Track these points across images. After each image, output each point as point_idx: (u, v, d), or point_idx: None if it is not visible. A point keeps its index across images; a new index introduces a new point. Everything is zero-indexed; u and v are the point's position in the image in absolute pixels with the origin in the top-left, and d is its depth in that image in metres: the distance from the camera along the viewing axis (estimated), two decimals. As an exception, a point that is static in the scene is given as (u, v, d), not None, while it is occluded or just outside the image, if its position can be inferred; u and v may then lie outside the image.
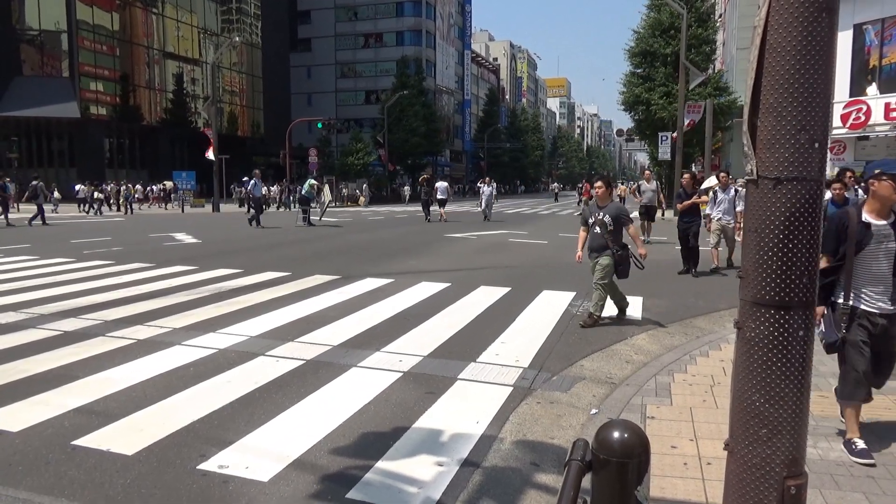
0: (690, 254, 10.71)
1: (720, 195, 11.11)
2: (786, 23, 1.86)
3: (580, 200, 31.02)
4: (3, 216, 22.00)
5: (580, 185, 33.64)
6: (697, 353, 5.82)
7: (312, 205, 23.08)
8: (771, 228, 1.91)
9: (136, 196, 35.11)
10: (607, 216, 6.86)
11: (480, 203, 24.34)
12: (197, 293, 8.69)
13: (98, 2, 43.43)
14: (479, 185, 30.63)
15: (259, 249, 14.60)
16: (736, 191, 11.20)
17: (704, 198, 10.95)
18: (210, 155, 33.43)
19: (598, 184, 7.03)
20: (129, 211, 31.52)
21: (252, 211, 21.95)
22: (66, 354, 5.69)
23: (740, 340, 2.06)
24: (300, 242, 16.42)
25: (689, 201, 10.67)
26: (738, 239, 10.94)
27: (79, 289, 9.01)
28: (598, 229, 6.92)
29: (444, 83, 76.34)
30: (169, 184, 37.83)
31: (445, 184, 28.17)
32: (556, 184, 62.81)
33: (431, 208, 25.97)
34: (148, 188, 38.81)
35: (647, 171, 17.58)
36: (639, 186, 18.03)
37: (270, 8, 60.07)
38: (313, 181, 23.93)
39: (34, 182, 23.96)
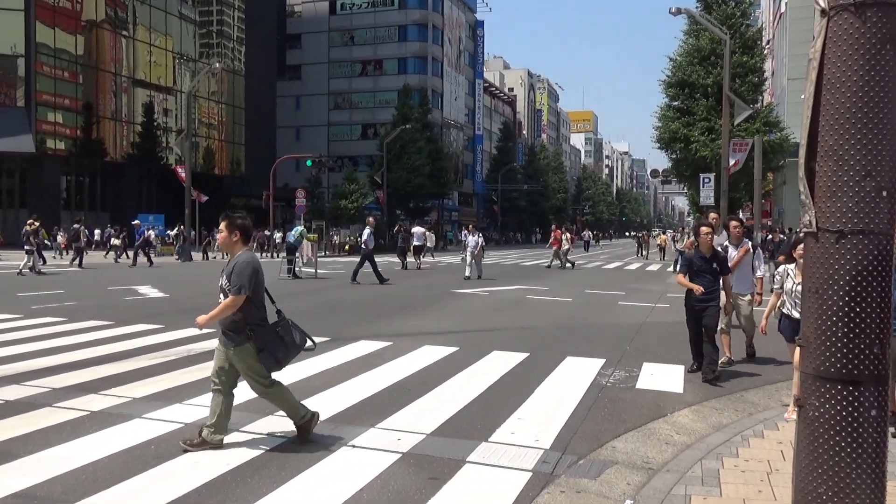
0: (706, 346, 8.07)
1: (731, 253, 9.05)
2: (845, 55, 1.90)
3: (556, 251, 30.59)
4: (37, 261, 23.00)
5: (554, 228, 32.80)
6: (751, 433, 5.74)
7: (298, 255, 23.27)
8: (834, 289, 1.91)
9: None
10: (224, 278, 5.26)
11: (464, 256, 23.93)
12: (162, 357, 8.67)
13: (61, 23, 44.77)
14: (417, 230, 30.96)
15: (235, 305, 14.59)
16: (754, 248, 9.33)
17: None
18: (201, 197, 34.31)
19: (220, 227, 5.45)
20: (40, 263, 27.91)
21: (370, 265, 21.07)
22: (6, 428, 5.65)
23: (802, 420, 2.04)
24: (283, 298, 16.37)
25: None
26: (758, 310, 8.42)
27: (24, 350, 9.00)
28: (221, 298, 5.30)
29: (452, 116, 77.64)
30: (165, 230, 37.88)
31: (423, 229, 29.97)
32: (587, 232, 63.19)
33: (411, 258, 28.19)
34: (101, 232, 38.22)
35: (712, 214, 14.15)
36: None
37: (256, 31, 61.74)
38: (302, 228, 24.14)
39: (76, 225, 27.26)
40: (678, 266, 8.26)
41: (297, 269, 22.65)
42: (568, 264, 29.83)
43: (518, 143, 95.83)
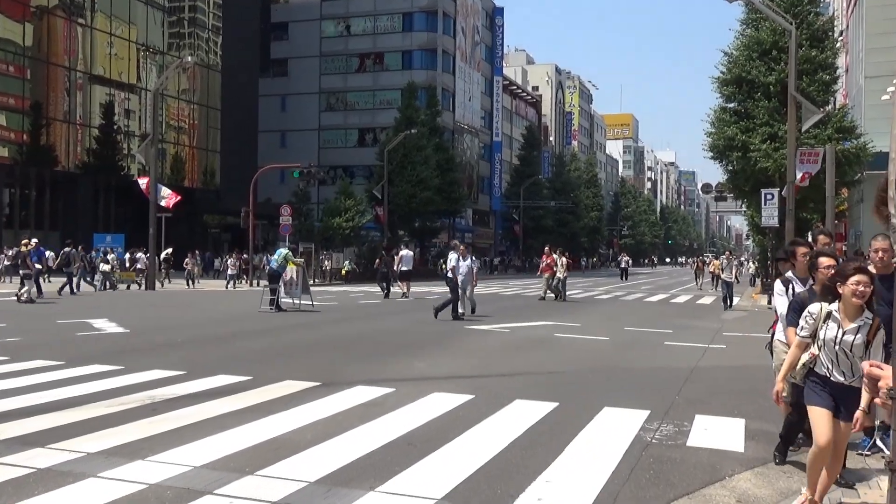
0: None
1: (797, 287, 7.21)
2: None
3: (547, 279, 30.17)
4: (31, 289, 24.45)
5: (546, 251, 32.21)
6: (826, 502, 5.67)
7: (282, 283, 23.29)
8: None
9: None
10: None
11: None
12: (121, 404, 8.67)
13: (6, 9, 45.47)
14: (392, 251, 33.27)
15: (209, 343, 14.64)
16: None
17: None
18: (166, 199, 34.92)
19: None
20: None
21: (450, 296, 20.86)
22: (-63, 488, 5.65)
23: None
24: (265, 334, 16.43)
25: None
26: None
27: (-41, 395, 9.03)
28: None
29: (465, 119, 78.12)
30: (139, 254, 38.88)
31: (411, 253, 32.70)
32: (623, 257, 63.16)
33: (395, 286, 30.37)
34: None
35: (822, 238, 8.55)
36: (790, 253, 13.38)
37: (235, 20, 62.50)
38: (286, 251, 24.22)
39: (67, 249, 30.60)
40: (785, 312, 6.61)
41: (280, 299, 22.69)
42: (550, 295, 29.03)
43: (544, 152, 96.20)
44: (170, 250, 39.12)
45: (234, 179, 57.92)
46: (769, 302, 22.95)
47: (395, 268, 31.43)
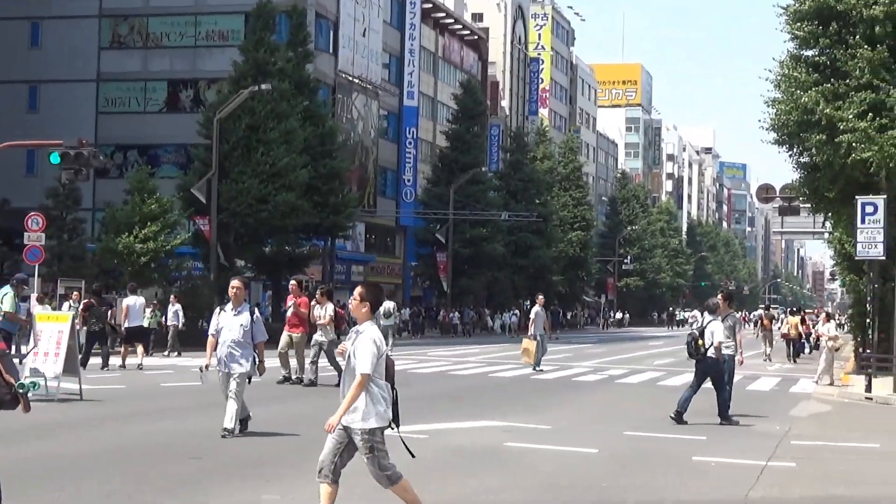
0: None
1: None
2: None
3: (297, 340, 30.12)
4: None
5: (292, 285, 33.48)
6: None
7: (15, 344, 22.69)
8: None
9: None
10: None
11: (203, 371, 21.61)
12: None
13: None
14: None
15: None
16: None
17: None
18: None
19: None
20: None
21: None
22: None
23: None
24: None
25: None
26: None
27: None
28: None
29: (356, 69, 78.06)
30: None
31: (141, 300, 33.84)
32: (692, 313, 64.37)
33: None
34: None
35: None
36: None
37: None
38: (9, 290, 23.67)
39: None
40: None
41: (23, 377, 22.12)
42: (309, 377, 27.05)
43: (491, 126, 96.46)
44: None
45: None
46: None
47: (118, 323, 32.79)
